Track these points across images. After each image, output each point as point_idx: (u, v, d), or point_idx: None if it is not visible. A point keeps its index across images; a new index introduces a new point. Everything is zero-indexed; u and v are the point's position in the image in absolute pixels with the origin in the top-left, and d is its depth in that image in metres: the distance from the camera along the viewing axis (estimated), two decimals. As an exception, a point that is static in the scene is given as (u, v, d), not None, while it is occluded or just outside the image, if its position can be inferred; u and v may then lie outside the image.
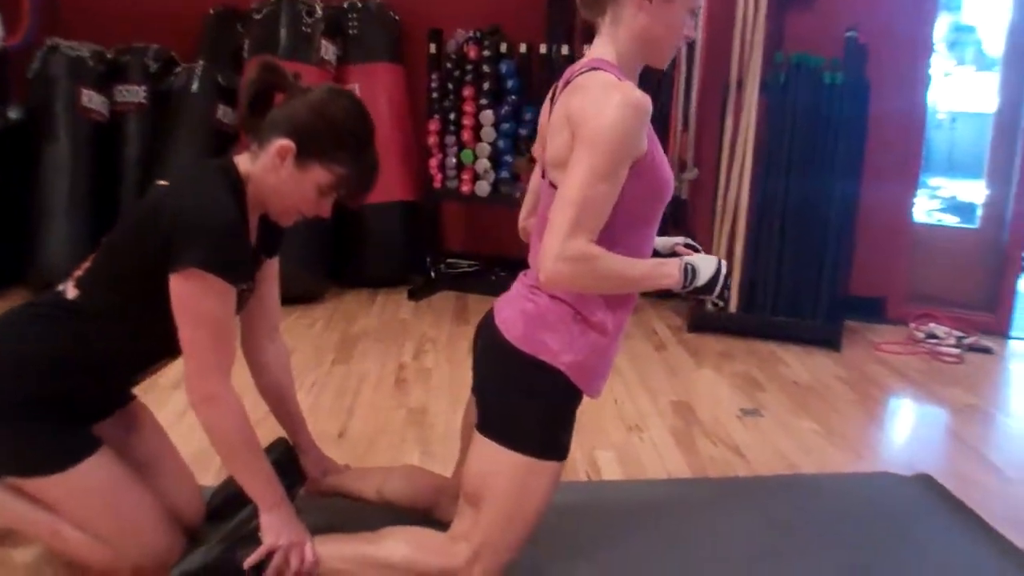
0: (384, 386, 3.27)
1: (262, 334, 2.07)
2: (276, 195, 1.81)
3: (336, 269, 4.62)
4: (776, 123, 4.01)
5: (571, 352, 1.76)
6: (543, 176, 1.84)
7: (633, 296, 1.86)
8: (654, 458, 2.72)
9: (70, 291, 1.81)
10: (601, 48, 1.77)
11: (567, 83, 1.76)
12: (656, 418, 3.05)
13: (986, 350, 4.11)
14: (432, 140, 4.57)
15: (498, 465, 1.80)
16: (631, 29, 1.74)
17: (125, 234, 1.81)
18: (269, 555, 1.79)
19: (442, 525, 1.95)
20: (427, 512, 2.11)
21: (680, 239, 1.98)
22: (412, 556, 1.85)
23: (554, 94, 1.86)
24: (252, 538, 1.81)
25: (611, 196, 1.63)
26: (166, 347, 1.77)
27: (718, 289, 1.76)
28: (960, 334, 4.17)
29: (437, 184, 4.64)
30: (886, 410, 3.39)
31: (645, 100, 1.62)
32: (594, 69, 1.70)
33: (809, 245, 4.02)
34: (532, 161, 2.24)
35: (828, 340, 3.98)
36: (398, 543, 1.87)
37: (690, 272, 1.73)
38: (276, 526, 1.80)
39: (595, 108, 1.61)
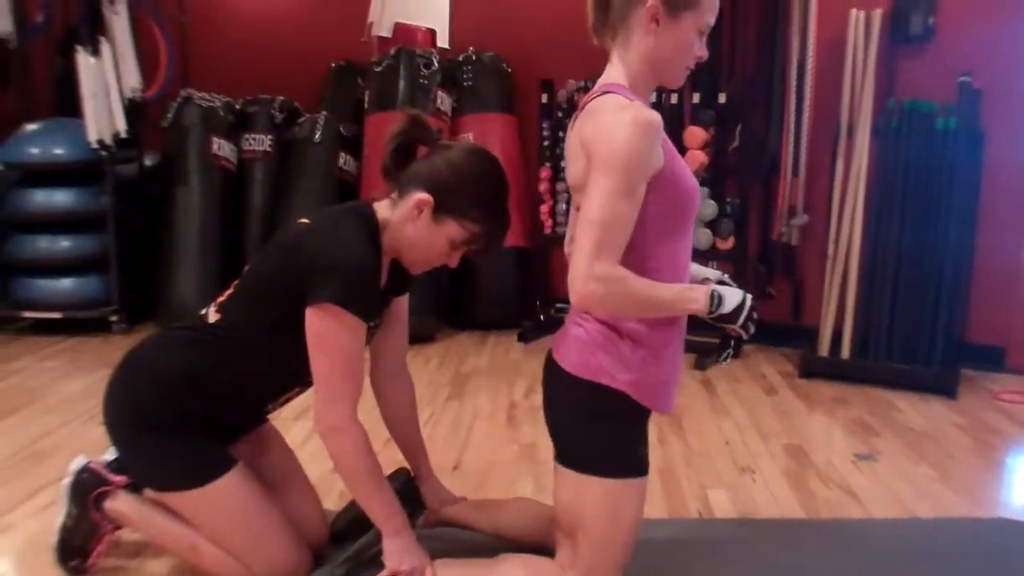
0: (496, 422, 3.35)
1: (389, 369, 2.18)
2: (410, 244, 1.92)
3: (449, 312, 4.76)
4: (887, 169, 3.98)
5: (627, 371, 1.79)
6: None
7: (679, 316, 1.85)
8: (767, 499, 2.72)
9: (212, 315, 1.95)
10: (613, 72, 1.79)
11: (582, 109, 1.79)
12: (768, 459, 3.05)
13: (1116, 400, 3.95)
14: (543, 187, 4.69)
15: (583, 494, 1.84)
16: (641, 51, 1.75)
17: (266, 265, 1.95)
18: (391, 578, 1.87)
19: (553, 555, 2.00)
20: (539, 544, 2.14)
21: (714, 272, 2.01)
22: None
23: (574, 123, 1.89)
24: (375, 562, 1.89)
25: (632, 215, 1.66)
26: (298, 376, 1.89)
27: (742, 319, 1.77)
28: (1084, 384, 4.02)
29: (547, 230, 4.74)
30: (1004, 457, 3.29)
31: (655, 117, 1.65)
32: (606, 93, 1.73)
33: (923, 291, 3.95)
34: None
35: (944, 387, 3.89)
36: (512, 566, 1.93)
37: (716, 299, 1.74)
38: (399, 551, 1.88)
39: (607, 131, 1.64)
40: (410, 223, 1.88)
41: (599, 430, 1.84)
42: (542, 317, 4.86)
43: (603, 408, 1.82)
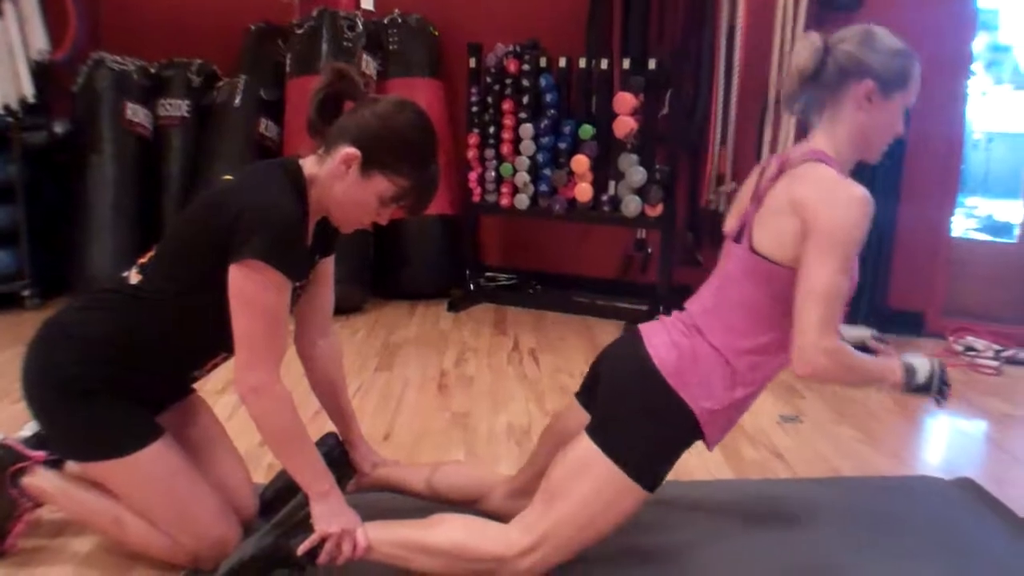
0: (427, 391, 3.30)
1: (315, 330, 2.11)
2: (338, 201, 1.85)
3: (376, 282, 4.67)
4: (815, 135, 4.02)
5: (711, 400, 1.83)
6: (737, 240, 1.90)
7: (779, 365, 1.90)
8: (698, 462, 2.72)
9: (133, 277, 1.87)
10: (820, 142, 1.84)
11: (782, 168, 1.84)
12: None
13: (1025, 363, 4.07)
14: (472, 154, 4.63)
15: (591, 470, 1.84)
16: (850, 128, 1.82)
17: (189, 223, 1.86)
18: (321, 542, 1.82)
19: (490, 518, 1.99)
20: (475, 504, 2.14)
21: (868, 331, 2.05)
22: (464, 541, 1.87)
23: (761, 173, 1.94)
24: (304, 526, 1.83)
25: (847, 287, 1.71)
26: (224, 340, 1.81)
27: (935, 386, 1.83)
28: (998, 347, 4.13)
29: (476, 198, 4.69)
30: (925, 418, 3.36)
31: (872, 200, 1.72)
32: (817, 161, 1.79)
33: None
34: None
35: (867, 352, 3.95)
36: (451, 529, 1.90)
37: (911, 372, 1.82)
38: (327, 514, 1.82)
39: (832, 206, 1.70)
40: (338, 179, 1.82)
41: (649, 430, 1.84)
42: (471, 286, 4.81)
43: (668, 417, 1.84)
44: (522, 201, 4.55)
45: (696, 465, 2.69)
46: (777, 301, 1.79)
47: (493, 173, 4.60)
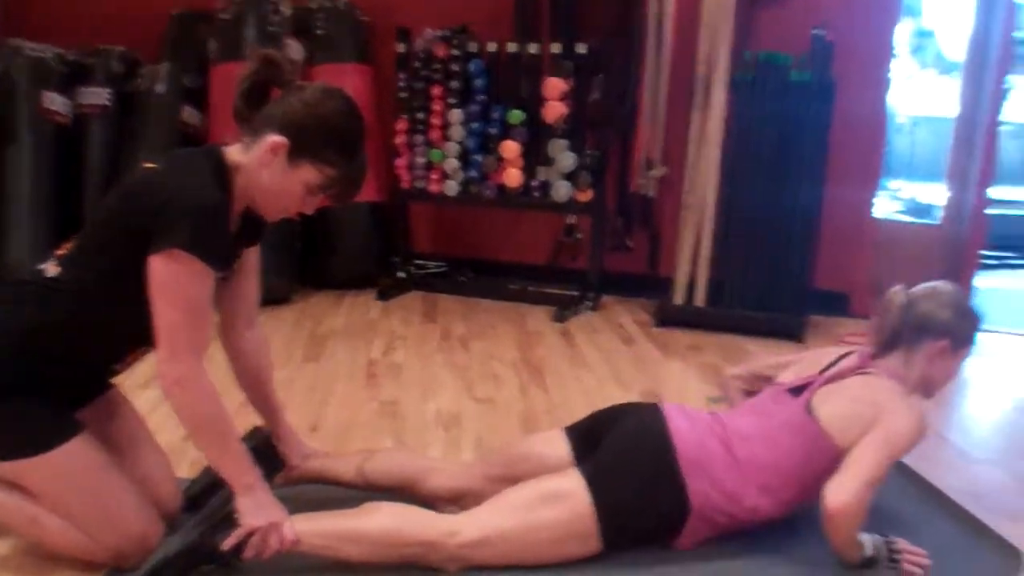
0: (355, 381, 3.27)
1: (240, 321, 2.07)
2: (264, 190, 1.82)
3: (304, 271, 4.61)
4: (744, 120, 4.07)
5: (709, 503, 1.94)
6: (794, 393, 2.10)
7: (784, 509, 2.04)
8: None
9: (50, 269, 1.81)
10: (894, 368, 2.11)
11: (865, 364, 2.12)
12: (627, 408, 3.08)
13: (946, 342, 4.18)
14: (400, 140, 4.59)
15: (569, 502, 1.90)
16: (921, 374, 2.12)
17: (109, 212, 1.81)
18: (248, 536, 1.79)
19: (423, 503, 2.02)
20: (408, 491, 2.12)
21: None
22: (395, 527, 1.87)
23: (838, 359, 2.17)
24: (230, 521, 1.80)
25: (886, 473, 1.92)
26: (143, 332, 1.77)
27: (881, 559, 1.97)
28: (922, 327, 4.23)
29: (405, 184, 4.65)
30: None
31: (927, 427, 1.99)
32: (894, 381, 2.07)
33: (774, 241, 4.07)
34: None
35: (793, 333, 4.03)
36: (380, 516, 1.89)
37: (862, 548, 1.96)
38: (253, 508, 1.79)
39: (904, 419, 1.94)
40: (264, 168, 1.78)
41: (641, 503, 1.93)
42: (401, 274, 4.78)
43: (663, 498, 1.94)
44: (452, 187, 4.53)
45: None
46: (807, 463, 1.98)
47: (422, 159, 4.57)
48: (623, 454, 1.97)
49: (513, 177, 4.37)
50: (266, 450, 2.07)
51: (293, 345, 3.68)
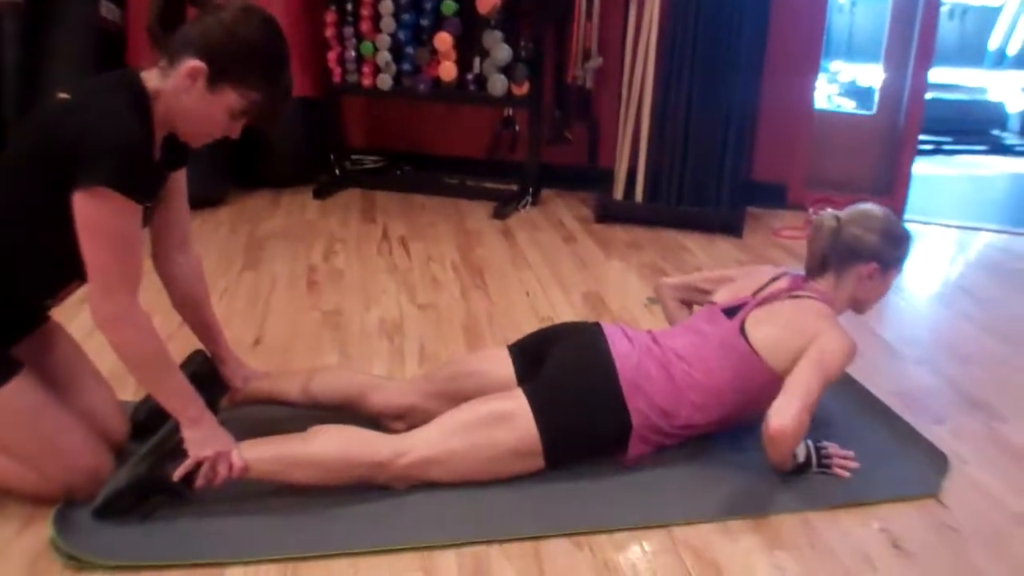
0: (296, 289, 3.25)
1: (172, 246, 2.03)
2: (185, 116, 1.75)
3: (237, 171, 4.49)
4: (680, 9, 4.00)
5: (651, 421, 2.00)
6: (728, 314, 2.16)
7: (719, 425, 2.13)
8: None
9: None
10: (825, 291, 2.18)
11: (792, 289, 2.18)
12: (568, 309, 3.12)
13: (879, 232, 4.27)
14: (330, 32, 4.44)
15: (514, 423, 1.94)
16: (850, 294, 2.20)
17: (24, 147, 1.73)
18: (197, 466, 1.80)
19: (368, 420, 2.07)
20: (352, 408, 2.15)
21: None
22: (344, 449, 1.91)
23: (771, 281, 2.23)
24: (178, 452, 1.81)
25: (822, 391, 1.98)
26: (73, 266, 1.72)
27: (814, 466, 2.09)
28: (855, 217, 4.31)
29: (337, 78, 4.52)
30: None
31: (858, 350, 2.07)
32: (825, 301, 2.15)
33: (712, 133, 4.07)
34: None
35: (730, 227, 4.09)
36: (328, 439, 1.91)
37: (795, 456, 2.05)
38: (200, 439, 1.80)
39: (835, 342, 2.02)
40: (184, 93, 1.71)
41: (583, 423, 2.00)
42: (337, 171, 4.70)
43: (604, 418, 2.00)
44: (385, 81, 4.42)
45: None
46: (740, 383, 2.06)
47: (353, 52, 4.44)
48: (566, 376, 2.02)
49: (448, 71, 4.28)
50: (208, 375, 2.07)
51: (231, 251, 3.62)
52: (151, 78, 1.74)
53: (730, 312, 2.17)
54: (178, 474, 1.80)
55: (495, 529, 1.86)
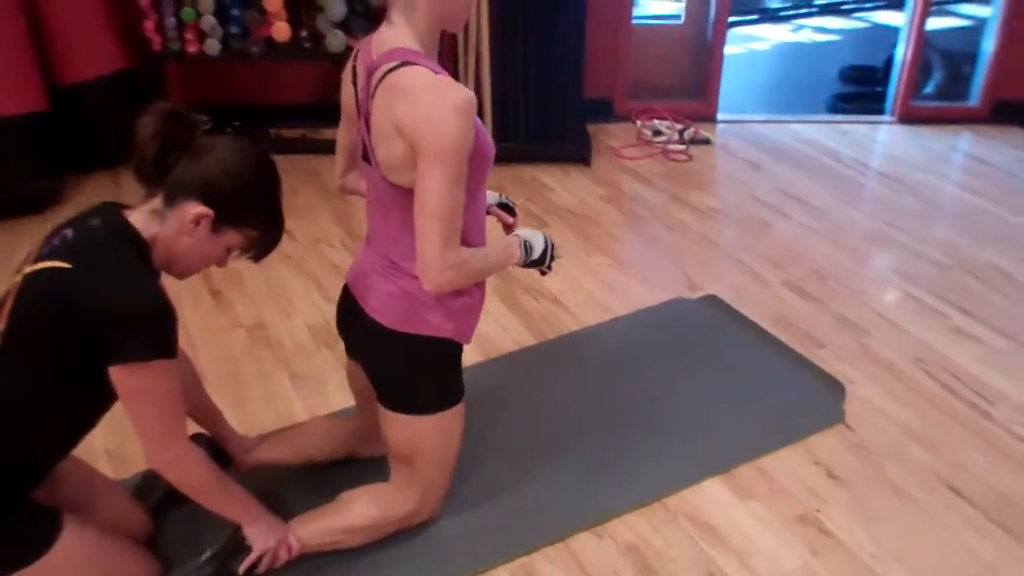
0: (202, 304, 3.20)
1: None
2: (183, 258, 1.77)
3: (67, 158, 4.21)
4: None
5: (451, 319, 1.94)
6: (367, 160, 1.88)
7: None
8: (496, 330, 3.01)
9: None
10: (399, 34, 1.76)
11: (372, 76, 1.75)
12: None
13: (705, 141, 4.68)
14: (145, 2, 4.15)
15: (418, 431, 2.04)
16: (429, 11, 1.74)
17: (31, 325, 1.66)
18: (260, 557, 1.94)
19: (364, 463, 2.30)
20: (349, 456, 2.36)
21: (494, 198, 2.17)
22: (378, 514, 2.10)
23: (354, 77, 1.88)
24: (240, 548, 1.93)
25: (463, 196, 1.73)
26: (93, 421, 1.79)
27: (548, 260, 2.06)
28: (680, 127, 4.68)
29: (157, 47, 4.27)
30: (652, 229, 3.80)
31: (471, 97, 1.68)
32: (405, 64, 1.70)
33: (549, 61, 4.22)
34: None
35: (580, 157, 4.34)
36: (361, 505, 2.10)
37: (527, 249, 2.00)
38: (262, 533, 1.93)
39: (434, 121, 1.65)
40: (186, 236, 1.72)
41: (428, 376, 2.01)
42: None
43: (430, 356, 1.97)
44: (213, 46, 4.24)
45: (500, 337, 2.98)
46: (411, 222, 1.79)
47: (173, 19, 4.20)
48: (383, 376, 2.03)
49: (281, 31, 4.18)
50: (215, 455, 2.16)
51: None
52: (143, 223, 1.71)
53: (367, 159, 1.88)
54: (243, 567, 1.92)
55: (530, 537, 2.17)
